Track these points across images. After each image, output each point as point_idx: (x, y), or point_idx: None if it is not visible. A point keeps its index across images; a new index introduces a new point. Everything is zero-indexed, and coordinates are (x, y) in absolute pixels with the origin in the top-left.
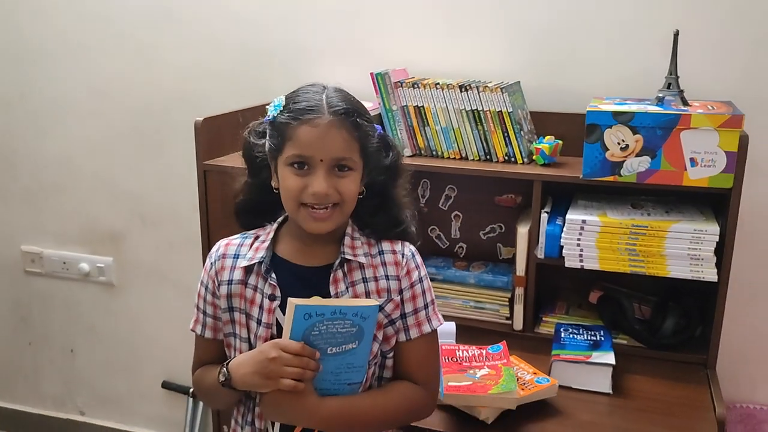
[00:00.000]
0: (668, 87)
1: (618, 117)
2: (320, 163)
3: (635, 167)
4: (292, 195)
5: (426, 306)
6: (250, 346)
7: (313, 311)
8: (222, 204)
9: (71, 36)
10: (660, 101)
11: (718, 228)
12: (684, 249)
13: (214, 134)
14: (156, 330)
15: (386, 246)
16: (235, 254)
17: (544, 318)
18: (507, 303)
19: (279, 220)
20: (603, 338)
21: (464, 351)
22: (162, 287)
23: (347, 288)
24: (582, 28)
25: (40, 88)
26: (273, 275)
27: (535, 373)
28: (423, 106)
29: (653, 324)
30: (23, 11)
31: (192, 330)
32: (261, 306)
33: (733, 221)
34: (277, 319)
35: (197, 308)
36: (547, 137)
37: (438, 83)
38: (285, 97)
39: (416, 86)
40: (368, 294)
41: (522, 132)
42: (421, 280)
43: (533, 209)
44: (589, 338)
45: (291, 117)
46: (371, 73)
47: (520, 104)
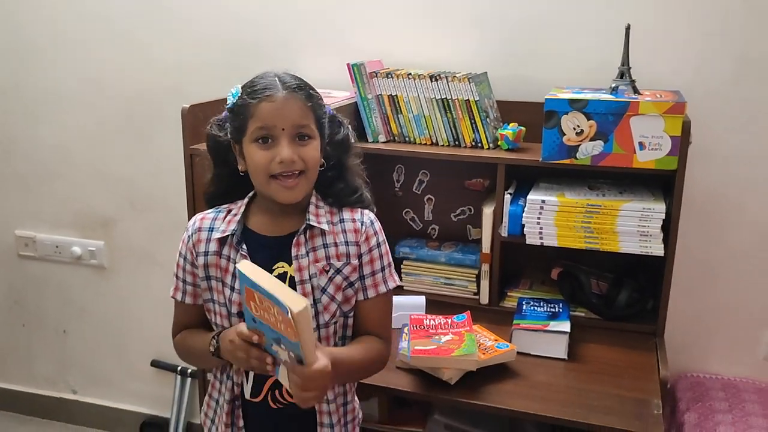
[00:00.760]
0: (621, 77)
1: (574, 104)
2: (282, 132)
3: (589, 151)
4: (261, 168)
5: (383, 269)
6: (228, 310)
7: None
8: None
9: (65, 28)
10: (614, 90)
11: (665, 207)
12: (634, 226)
13: (200, 120)
14: (145, 311)
15: (347, 215)
16: (210, 227)
17: (509, 293)
18: (474, 279)
19: (249, 195)
20: (561, 310)
21: (431, 320)
22: (151, 270)
23: (308, 252)
24: (544, 24)
25: (35, 79)
26: (244, 246)
27: (496, 340)
28: (396, 95)
29: (609, 298)
30: (18, 4)
31: (172, 297)
32: (234, 274)
33: (678, 200)
34: None
35: (177, 277)
36: (512, 124)
37: (410, 74)
38: (240, 87)
39: (390, 76)
40: (328, 259)
41: (488, 119)
42: (379, 245)
43: (497, 191)
44: (549, 310)
45: (250, 98)
46: (348, 64)
47: (487, 93)
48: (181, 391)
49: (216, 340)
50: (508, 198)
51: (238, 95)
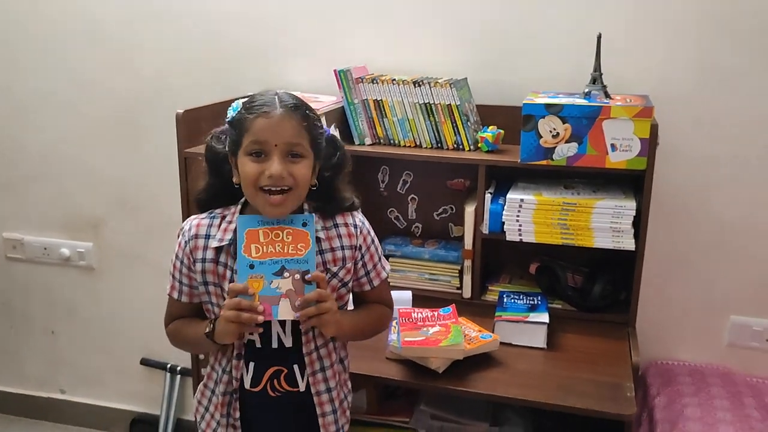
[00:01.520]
0: (594, 82)
1: (550, 108)
2: (275, 149)
3: (565, 152)
4: (251, 180)
5: (379, 259)
6: None
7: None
8: None
9: (54, 29)
10: (587, 95)
11: (635, 204)
12: (607, 223)
13: (193, 125)
14: (133, 310)
15: (339, 219)
16: (206, 234)
17: (490, 287)
18: (457, 274)
19: (242, 201)
20: (540, 302)
21: (419, 313)
22: (140, 270)
23: None
24: (522, 32)
25: (23, 80)
26: None
27: (480, 331)
28: (381, 100)
29: (584, 290)
30: (6, 5)
31: (169, 294)
32: (231, 280)
33: (647, 198)
34: None
35: (173, 277)
36: (491, 127)
37: (395, 79)
38: (241, 102)
39: (375, 82)
40: (325, 264)
41: (469, 123)
42: (373, 241)
43: (479, 190)
44: (528, 303)
45: (248, 113)
46: (335, 70)
47: (467, 98)
48: (171, 389)
49: (213, 325)
50: (489, 197)
51: (238, 110)
